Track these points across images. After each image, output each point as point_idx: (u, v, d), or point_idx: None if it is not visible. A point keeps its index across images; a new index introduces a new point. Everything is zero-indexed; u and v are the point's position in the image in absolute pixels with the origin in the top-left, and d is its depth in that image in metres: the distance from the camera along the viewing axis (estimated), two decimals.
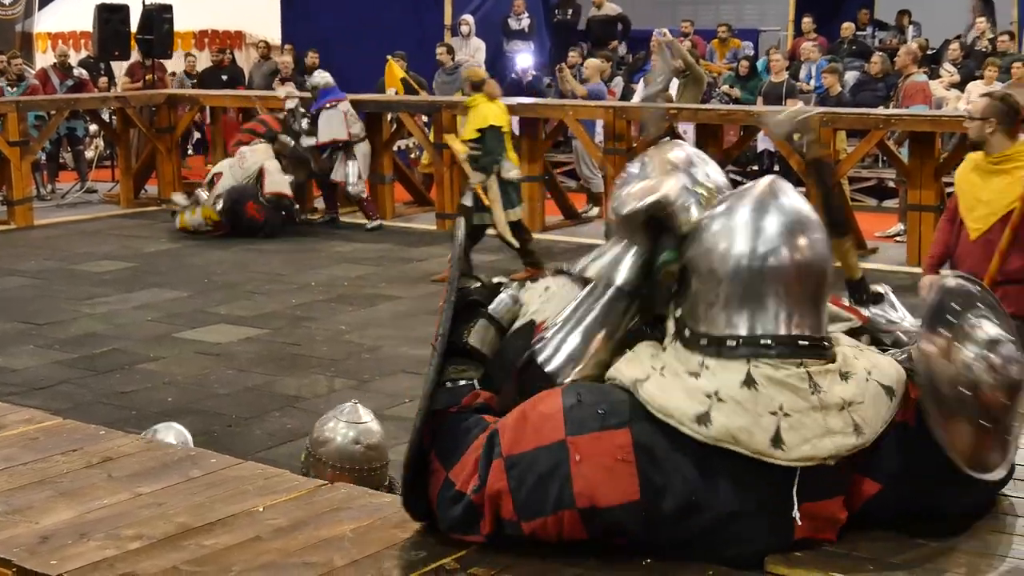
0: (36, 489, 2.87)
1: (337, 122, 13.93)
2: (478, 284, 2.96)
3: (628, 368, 2.66)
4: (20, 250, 13.27)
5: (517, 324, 2.87)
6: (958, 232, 6.37)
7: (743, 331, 2.61)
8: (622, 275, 2.73)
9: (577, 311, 2.74)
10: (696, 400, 2.55)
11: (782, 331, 2.60)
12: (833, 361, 2.64)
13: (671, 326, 2.73)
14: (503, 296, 2.91)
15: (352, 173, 14.01)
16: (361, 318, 10.14)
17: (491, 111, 11.30)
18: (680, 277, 2.72)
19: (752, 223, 2.64)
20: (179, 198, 14.18)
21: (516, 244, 11.07)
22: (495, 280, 3.01)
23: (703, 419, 2.54)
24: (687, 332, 2.68)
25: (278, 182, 13.55)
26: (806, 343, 2.61)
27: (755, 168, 16.40)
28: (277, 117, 14.31)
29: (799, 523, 2.58)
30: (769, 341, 2.59)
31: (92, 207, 16.15)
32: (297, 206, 13.97)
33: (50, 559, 2.49)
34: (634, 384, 2.61)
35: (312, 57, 17.74)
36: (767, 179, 2.76)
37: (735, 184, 2.90)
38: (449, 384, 2.76)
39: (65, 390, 7.98)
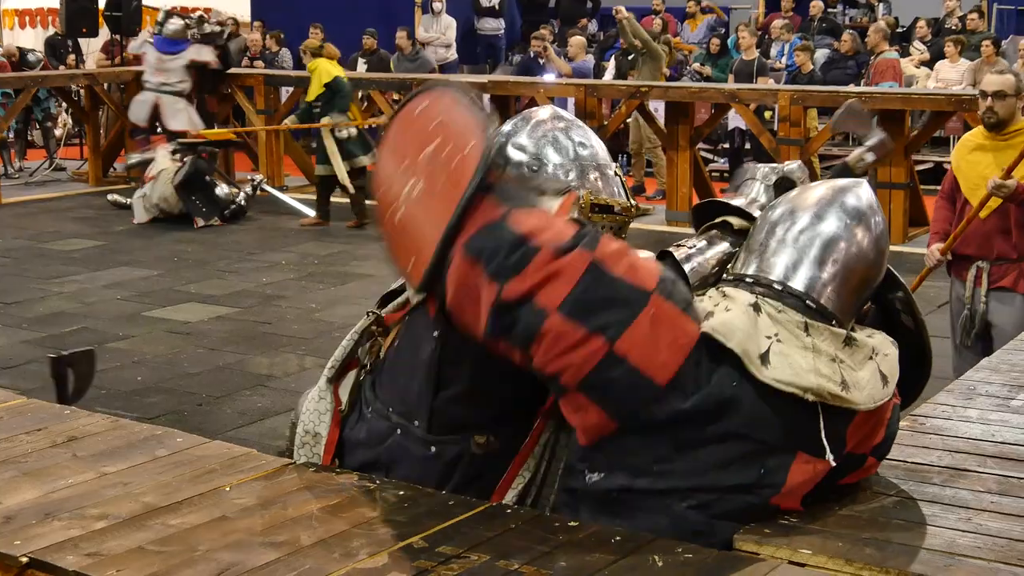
0: (0, 469, 2.84)
1: None
2: None
3: None
4: None
5: None
6: (961, 213, 6.36)
7: (770, 276, 2.76)
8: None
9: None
10: (711, 305, 2.69)
11: (803, 291, 2.73)
12: (838, 328, 2.72)
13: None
14: None
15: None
16: (332, 296, 10.11)
17: (333, 67, 12.91)
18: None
19: (826, 203, 2.81)
20: (118, 197, 14.13)
21: (352, 189, 12.56)
22: None
23: (707, 316, 2.66)
24: (724, 275, 2.88)
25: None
26: (814, 307, 2.72)
27: (726, 146, 16.42)
28: None
29: (833, 463, 2.65)
30: (778, 287, 2.74)
31: (61, 185, 16.03)
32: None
33: (14, 539, 2.46)
34: None
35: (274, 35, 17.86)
36: (856, 180, 2.94)
37: (706, 162, 3.02)
38: None
39: (33, 369, 7.90)
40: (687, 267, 2.95)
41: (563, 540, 2.52)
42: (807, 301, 2.72)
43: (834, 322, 2.72)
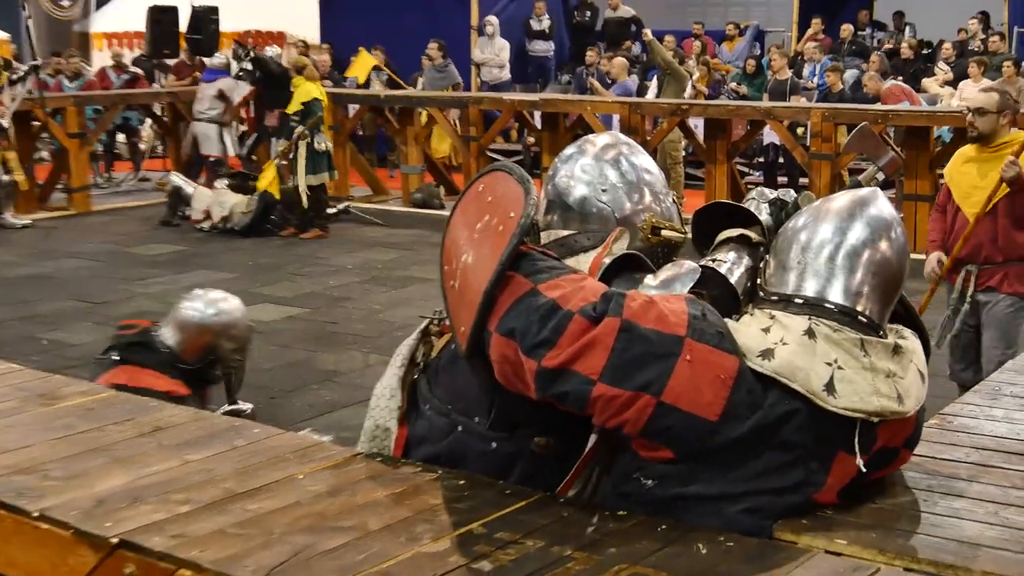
0: (92, 456, 2.85)
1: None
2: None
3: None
4: (79, 234, 13.32)
5: None
6: (953, 220, 6.46)
7: (810, 293, 2.65)
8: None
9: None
10: (764, 343, 2.57)
11: (846, 304, 2.64)
12: (886, 338, 2.66)
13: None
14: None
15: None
16: (393, 298, 10.14)
17: (313, 88, 13.13)
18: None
19: (847, 212, 2.71)
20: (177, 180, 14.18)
21: (306, 205, 12.84)
22: None
23: (767, 354, 2.55)
24: (762, 293, 2.74)
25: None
26: (864, 320, 2.63)
27: (761, 160, 16.33)
28: None
29: (863, 470, 2.59)
30: (832, 307, 2.63)
31: (145, 194, 16.18)
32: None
33: (104, 522, 2.47)
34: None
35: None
36: (872, 189, 2.84)
37: (742, 175, 2.94)
38: None
39: None
40: (732, 280, 2.84)
41: (612, 528, 2.50)
42: (859, 316, 2.63)
43: (881, 332, 2.66)
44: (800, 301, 2.65)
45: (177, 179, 14.00)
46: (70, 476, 2.72)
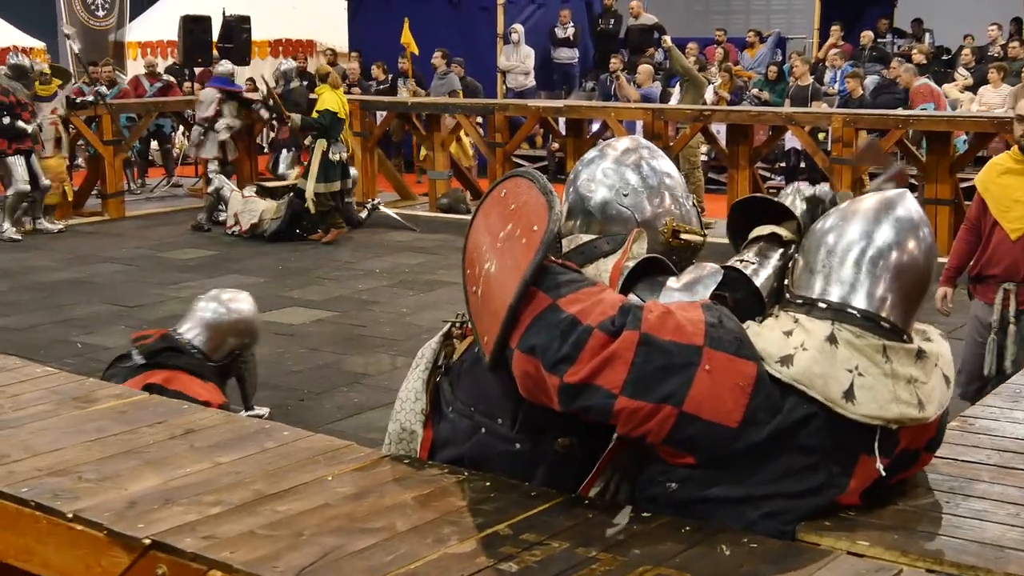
0: (124, 459, 2.86)
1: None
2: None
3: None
4: (113, 239, 13.38)
5: None
6: (989, 235, 5.99)
7: (834, 298, 2.62)
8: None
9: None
10: (785, 347, 2.55)
11: (870, 309, 2.60)
12: (910, 343, 2.62)
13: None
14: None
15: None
16: (421, 302, 10.15)
17: (332, 98, 13.01)
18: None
19: (875, 214, 2.66)
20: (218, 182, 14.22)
21: (313, 210, 12.86)
22: None
23: (786, 360, 2.53)
24: (787, 295, 2.71)
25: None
26: (888, 326, 2.60)
27: (783, 165, 16.28)
28: None
29: (883, 473, 2.57)
30: (855, 312, 2.59)
31: (178, 200, 16.26)
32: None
33: (137, 523, 2.48)
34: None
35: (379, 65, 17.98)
36: (901, 190, 2.78)
37: (764, 180, 2.91)
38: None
39: None
40: (757, 281, 2.84)
41: (636, 530, 2.49)
42: (882, 322, 2.59)
43: (905, 336, 2.63)
44: (824, 306, 2.62)
45: (219, 180, 14.02)
46: (103, 478, 2.73)
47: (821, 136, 14.00)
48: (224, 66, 15.13)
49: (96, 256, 12.39)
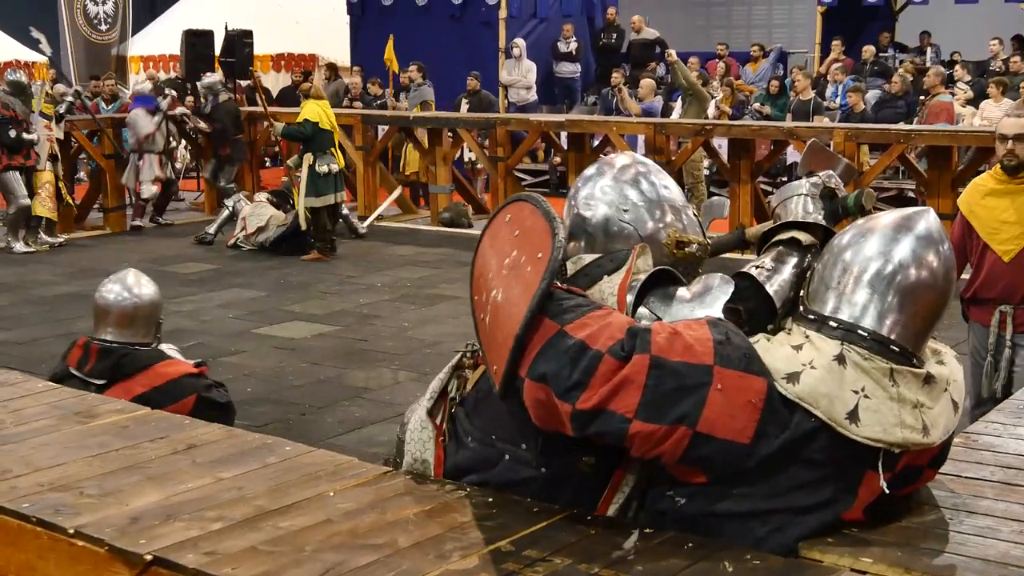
0: (126, 474, 2.85)
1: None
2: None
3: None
4: (114, 253, 13.38)
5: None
6: (980, 258, 5.83)
7: (846, 317, 2.60)
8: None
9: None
10: (793, 364, 2.54)
11: (881, 331, 2.58)
12: (920, 367, 2.60)
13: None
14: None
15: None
16: (422, 316, 10.14)
17: (311, 110, 12.62)
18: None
19: (894, 231, 2.63)
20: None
21: (304, 226, 12.60)
22: None
23: (793, 378, 2.52)
24: (802, 307, 2.70)
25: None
26: (897, 350, 2.57)
27: (784, 179, 16.28)
28: None
29: (887, 491, 2.56)
30: (865, 334, 2.57)
31: (180, 214, 16.25)
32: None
33: (139, 539, 2.47)
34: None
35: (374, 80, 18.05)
36: (923, 208, 2.74)
37: (766, 194, 2.90)
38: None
39: None
40: (770, 289, 2.79)
41: (640, 546, 2.49)
42: (891, 346, 2.57)
43: (914, 360, 2.61)
44: (835, 324, 2.61)
45: (236, 201, 14.01)
46: (105, 493, 2.73)
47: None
48: (143, 85, 15.26)
49: (98, 270, 12.35)
